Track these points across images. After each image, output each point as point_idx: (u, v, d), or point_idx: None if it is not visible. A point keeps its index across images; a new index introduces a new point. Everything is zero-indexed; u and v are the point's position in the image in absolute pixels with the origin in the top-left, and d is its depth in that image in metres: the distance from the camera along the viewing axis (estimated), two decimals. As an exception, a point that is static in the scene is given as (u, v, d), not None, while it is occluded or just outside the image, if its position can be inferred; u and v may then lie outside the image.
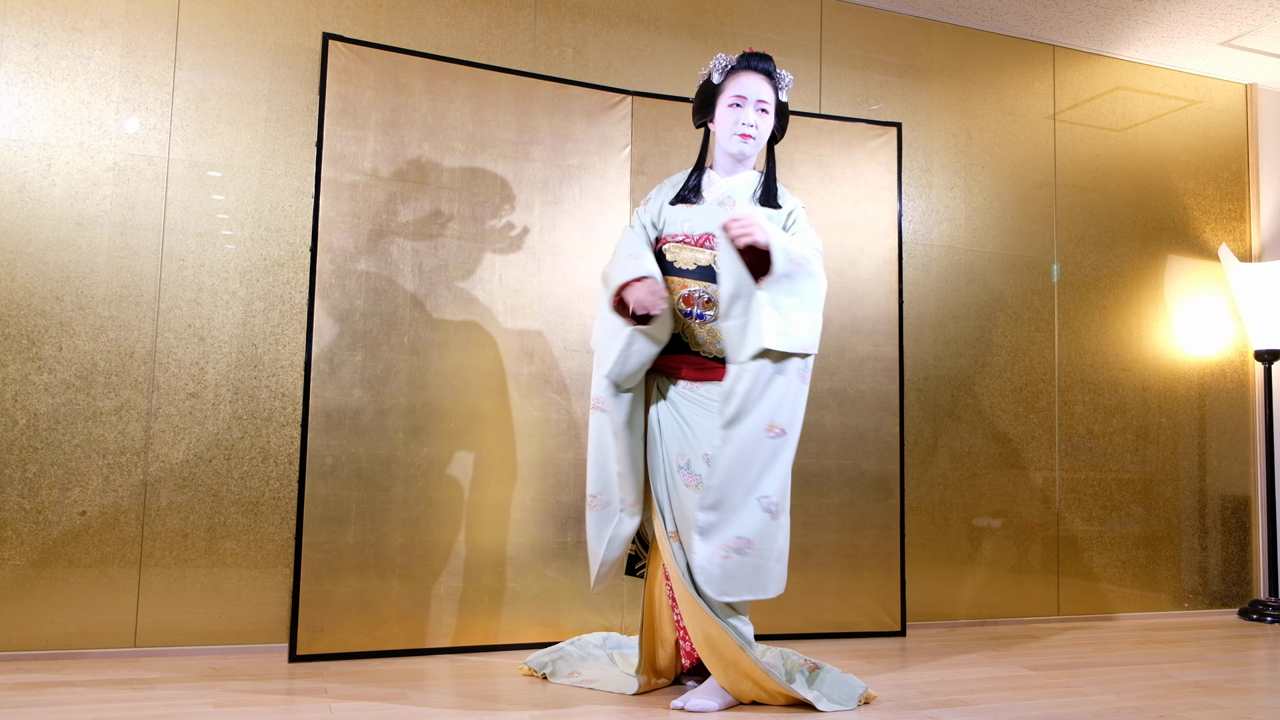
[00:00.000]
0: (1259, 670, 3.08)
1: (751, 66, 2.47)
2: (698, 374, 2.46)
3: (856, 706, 2.43)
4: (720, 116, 2.50)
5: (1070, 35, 4.02)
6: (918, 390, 3.72)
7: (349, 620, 2.83)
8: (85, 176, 2.81)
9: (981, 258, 3.89)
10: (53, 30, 2.81)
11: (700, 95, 2.55)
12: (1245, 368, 4.33)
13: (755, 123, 2.47)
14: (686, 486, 2.39)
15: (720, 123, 2.50)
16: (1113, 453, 4.06)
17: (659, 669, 2.56)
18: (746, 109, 2.46)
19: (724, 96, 2.48)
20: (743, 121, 2.46)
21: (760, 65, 2.48)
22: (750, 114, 2.46)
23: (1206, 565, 4.19)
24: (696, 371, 2.47)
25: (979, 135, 3.93)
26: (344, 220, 2.92)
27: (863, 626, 3.40)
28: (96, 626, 2.74)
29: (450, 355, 3.01)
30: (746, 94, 2.45)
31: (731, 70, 2.48)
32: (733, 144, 2.49)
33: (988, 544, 3.80)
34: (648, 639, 2.54)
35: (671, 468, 2.44)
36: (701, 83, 2.55)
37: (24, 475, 2.71)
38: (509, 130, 3.13)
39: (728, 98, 2.47)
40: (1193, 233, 4.30)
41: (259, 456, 2.91)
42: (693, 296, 2.45)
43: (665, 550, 2.41)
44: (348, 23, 3.09)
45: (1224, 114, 4.40)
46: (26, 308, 2.74)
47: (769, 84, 2.48)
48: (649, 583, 2.55)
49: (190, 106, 2.92)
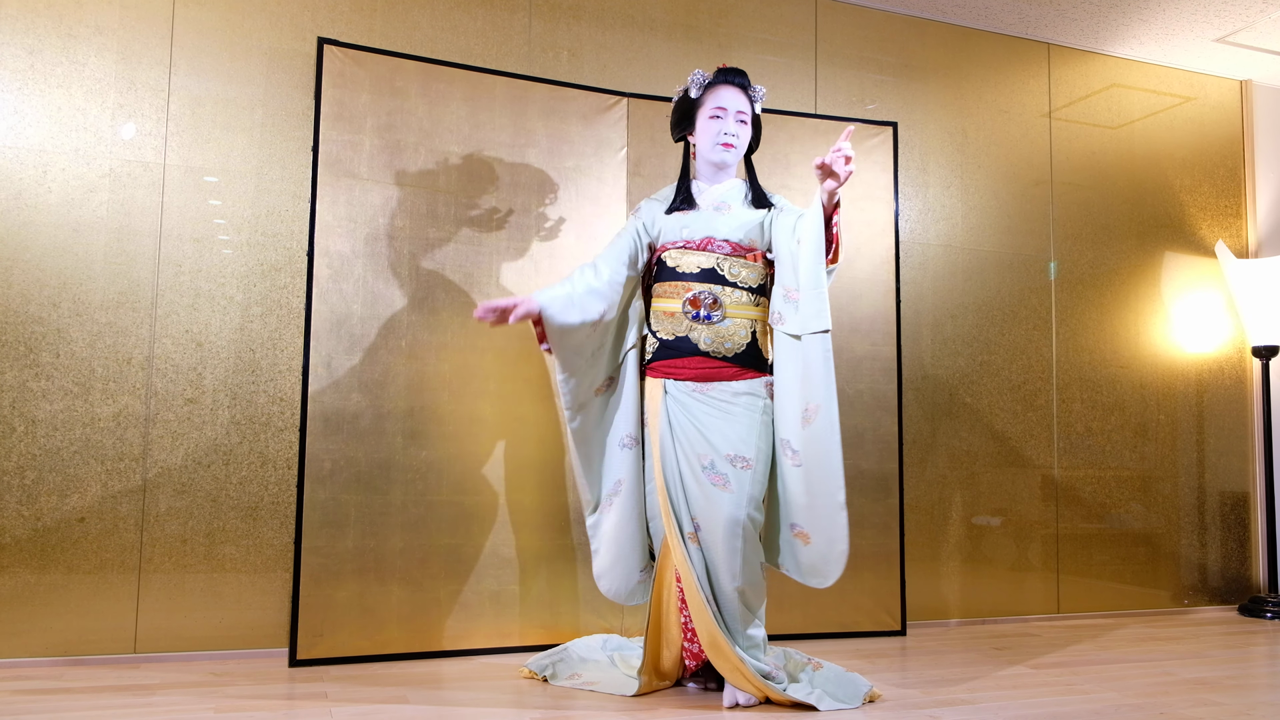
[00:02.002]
0: (1259, 667, 3.08)
1: (729, 81, 2.60)
2: (707, 375, 2.50)
3: (861, 705, 2.44)
4: (701, 128, 2.61)
5: (1065, 33, 4.02)
6: (916, 389, 3.72)
7: (349, 624, 2.83)
8: (81, 183, 2.81)
9: (978, 256, 3.90)
10: (48, 37, 2.81)
11: (679, 110, 2.66)
12: (1243, 364, 4.33)
13: (736, 132, 2.59)
14: (715, 487, 2.43)
15: (702, 134, 2.61)
16: (1111, 450, 4.06)
17: (663, 671, 2.57)
18: (727, 119, 2.58)
19: (704, 109, 2.60)
20: (725, 131, 2.58)
21: (736, 80, 2.60)
22: (731, 124, 2.58)
23: (1206, 562, 4.19)
24: (706, 372, 2.51)
25: (975, 134, 3.94)
26: (340, 224, 2.92)
27: (863, 626, 3.40)
28: (96, 633, 2.74)
29: (448, 358, 3.01)
30: (727, 105, 2.58)
31: (709, 85, 2.60)
32: (715, 153, 2.60)
33: (987, 542, 3.80)
34: (653, 640, 2.55)
35: (693, 469, 2.45)
36: (678, 98, 2.67)
37: (22, 482, 2.70)
38: (505, 133, 3.13)
39: (708, 110, 2.59)
40: (1189, 229, 4.31)
41: (257, 461, 2.91)
42: (699, 299, 2.51)
43: (679, 552, 2.43)
44: (342, 27, 3.09)
45: (1219, 110, 4.40)
46: (23, 314, 2.74)
47: (745, 96, 2.61)
48: (656, 584, 2.56)
49: (186, 112, 2.92)
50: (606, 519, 2.63)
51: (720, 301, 2.50)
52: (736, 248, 2.56)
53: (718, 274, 2.52)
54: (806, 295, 2.42)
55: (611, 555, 2.62)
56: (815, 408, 2.40)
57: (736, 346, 2.52)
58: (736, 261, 2.55)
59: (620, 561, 2.61)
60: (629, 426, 2.61)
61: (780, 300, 2.52)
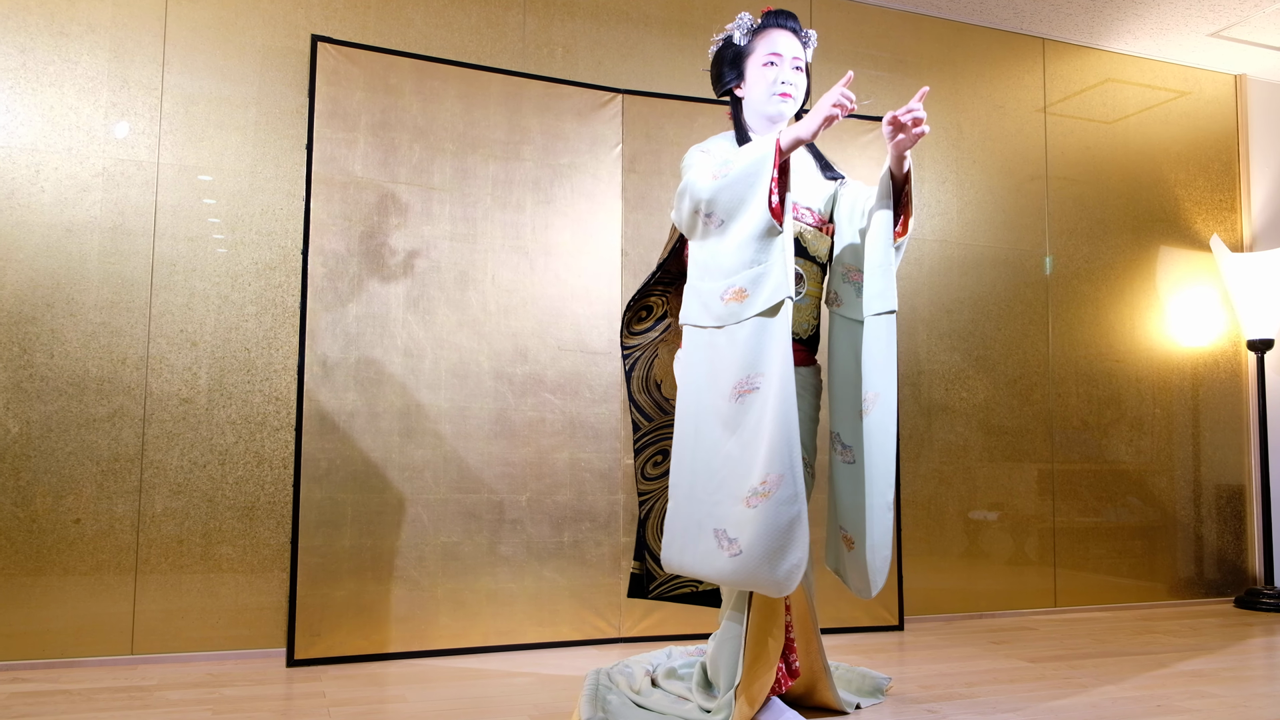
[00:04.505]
0: (1256, 659, 3.09)
1: (781, 24, 2.27)
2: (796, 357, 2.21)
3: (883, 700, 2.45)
4: (754, 77, 2.27)
5: (1060, 28, 4.02)
6: (912, 384, 3.72)
7: (346, 624, 2.83)
8: (74, 182, 2.79)
9: (974, 251, 3.90)
10: (39, 35, 2.79)
11: (721, 59, 2.34)
12: (1238, 357, 4.34)
13: (794, 80, 2.25)
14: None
15: (755, 84, 2.27)
16: (1107, 444, 4.07)
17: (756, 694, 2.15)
18: (783, 67, 2.24)
19: (755, 56, 2.27)
20: (781, 80, 2.24)
21: (789, 23, 2.28)
22: (788, 71, 2.25)
23: (1202, 555, 4.20)
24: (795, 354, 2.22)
25: (970, 129, 3.94)
26: (335, 222, 2.91)
27: (860, 621, 3.40)
28: (93, 634, 2.73)
29: (444, 356, 3.00)
30: (781, 51, 2.24)
31: (758, 29, 2.28)
32: (771, 104, 2.26)
33: (984, 537, 3.80)
34: (767, 652, 2.14)
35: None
36: (719, 46, 2.35)
37: (17, 484, 2.69)
38: (500, 130, 3.12)
39: (760, 56, 2.26)
40: (1184, 224, 4.31)
41: (253, 461, 2.91)
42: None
43: None
44: (336, 24, 3.08)
45: (1214, 105, 4.41)
46: (17, 315, 2.73)
47: (799, 41, 2.28)
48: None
49: (179, 110, 2.91)
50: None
51: (801, 277, 2.23)
52: (818, 220, 2.30)
53: (800, 246, 2.23)
54: (872, 275, 2.19)
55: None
56: (875, 395, 2.16)
57: (811, 328, 2.28)
58: (816, 234, 2.29)
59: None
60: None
61: (839, 281, 2.28)
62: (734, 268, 2.06)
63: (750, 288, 2.03)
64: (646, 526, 2.48)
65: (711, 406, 2.06)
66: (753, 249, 2.04)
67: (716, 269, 2.11)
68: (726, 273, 2.08)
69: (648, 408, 2.51)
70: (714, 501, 2.03)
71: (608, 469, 3.15)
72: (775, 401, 1.94)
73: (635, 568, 2.48)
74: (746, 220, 2.05)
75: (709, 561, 2.02)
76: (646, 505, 2.49)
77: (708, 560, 2.03)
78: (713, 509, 2.03)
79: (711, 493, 2.04)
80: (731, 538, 1.97)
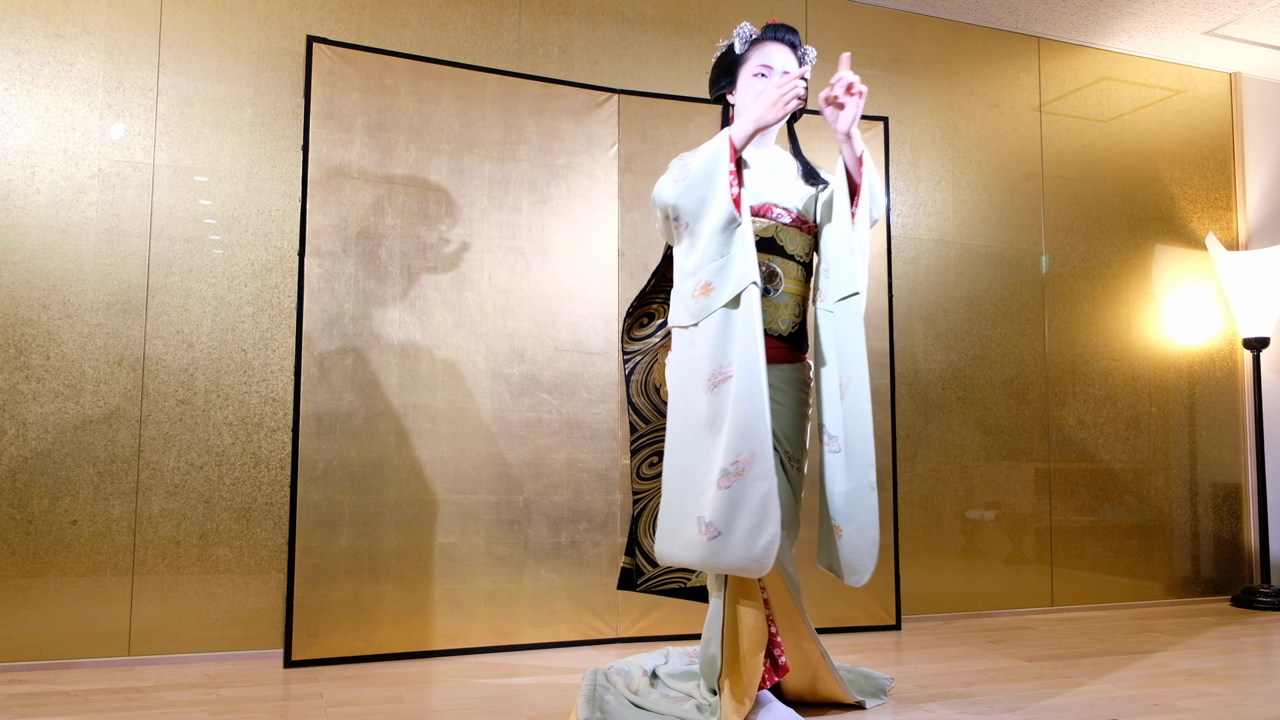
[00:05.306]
0: (1252, 657, 3.09)
1: (777, 38, 2.35)
2: (771, 354, 2.24)
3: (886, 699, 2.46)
4: (743, 86, 2.36)
5: (1055, 27, 4.03)
6: (909, 384, 3.72)
7: (344, 625, 2.83)
8: (70, 184, 2.79)
9: (970, 250, 3.90)
10: (34, 37, 2.79)
11: (720, 64, 2.42)
12: (1234, 356, 4.35)
13: None
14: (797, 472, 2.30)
15: (743, 93, 2.36)
16: (1104, 443, 4.07)
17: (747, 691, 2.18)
18: (772, 79, 2.30)
19: (748, 66, 2.35)
20: None
21: (785, 37, 2.35)
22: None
23: (1199, 553, 4.21)
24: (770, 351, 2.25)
25: (966, 128, 3.94)
26: (331, 223, 2.91)
27: (857, 621, 3.40)
28: (90, 635, 2.73)
29: (441, 357, 3.00)
30: (773, 64, 2.32)
31: (756, 41, 2.36)
32: None
33: (981, 536, 3.81)
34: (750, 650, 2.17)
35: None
36: (721, 52, 2.43)
37: (14, 485, 2.69)
38: (495, 130, 3.12)
39: (752, 67, 2.34)
40: (1180, 222, 4.32)
41: (250, 462, 2.90)
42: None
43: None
44: (331, 25, 3.08)
45: (1209, 103, 4.42)
46: (13, 317, 2.72)
47: (793, 56, 2.35)
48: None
49: (175, 112, 2.91)
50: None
51: (776, 273, 2.28)
52: (796, 219, 2.33)
53: (776, 244, 2.29)
54: (835, 261, 2.23)
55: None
56: (848, 379, 2.20)
57: (793, 325, 2.32)
58: (793, 232, 2.32)
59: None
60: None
61: (821, 277, 2.33)
62: (701, 264, 2.15)
63: (715, 280, 2.12)
64: (639, 523, 2.51)
65: (694, 401, 2.13)
66: (717, 243, 2.12)
67: (690, 269, 2.19)
68: (696, 270, 2.16)
69: (645, 410, 2.53)
70: (698, 491, 2.09)
71: (605, 469, 3.15)
72: (741, 385, 2.02)
73: (626, 562, 2.51)
74: (711, 216, 2.13)
75: (691, 549, 2.08)
76: (640, 503, 2.51)
77: (690, 548, 2.08)
78: (697, 499, 2.09)
79: (696, 484, 2.10)
80: (708, 521, 2.03)
